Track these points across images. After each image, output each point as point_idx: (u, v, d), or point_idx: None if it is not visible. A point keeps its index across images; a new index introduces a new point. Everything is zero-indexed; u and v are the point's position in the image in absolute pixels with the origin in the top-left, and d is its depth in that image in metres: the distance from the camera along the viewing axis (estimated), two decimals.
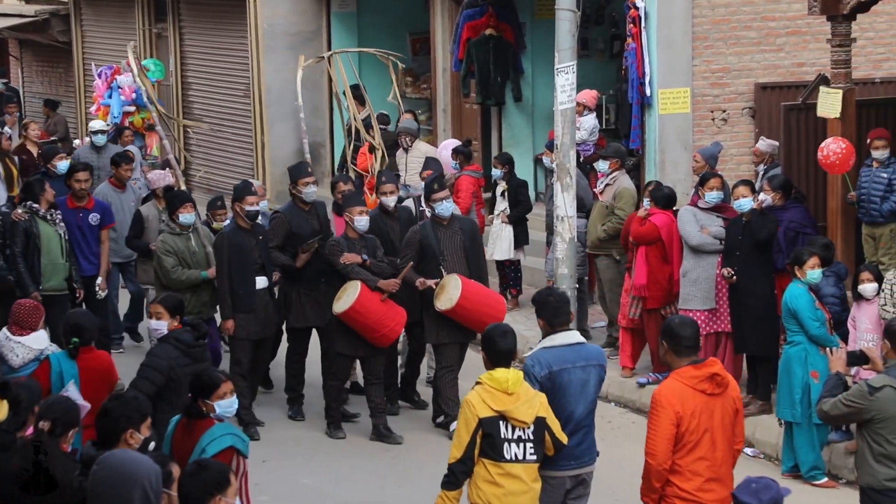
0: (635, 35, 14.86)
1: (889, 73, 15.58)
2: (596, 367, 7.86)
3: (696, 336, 7.31)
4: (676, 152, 15.08)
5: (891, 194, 11.95)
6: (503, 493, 7.39)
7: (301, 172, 12.06)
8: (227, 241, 11.41)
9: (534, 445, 7.43)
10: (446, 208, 11.56)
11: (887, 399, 7.37)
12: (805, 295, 10.56)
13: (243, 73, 21.09)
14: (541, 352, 7.85)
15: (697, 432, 7.13)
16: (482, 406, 7.36)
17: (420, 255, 11.42)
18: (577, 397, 7.76)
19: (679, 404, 7.09)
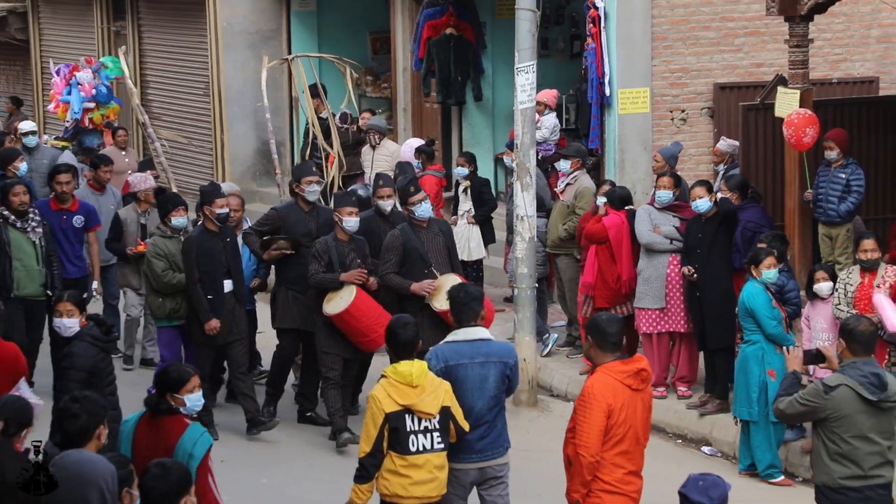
0: (595, 35, 14.91)
1: (846, 74, 15.70)
2: (497, 364, 7.94)
3: (622, 333, 7.48)
4: (636, 152, 15.14)
5: (848, 195, 12.03)
6: (409, 483, 7.58)
7: (305, 171, 11.99)
8: (195, 245, 11.30)
9: (440, 434, 7.62)
10: (425, 210, 11.43)
11: (842, 398, 7.41)
12: (762, 294, 10.63)
13: (202, 72, 20.99)
14: (441, 346, 8.04)
15: (624, 426, 7.27)
16: (388, 400, 7.53)
17: (403, 259, 11.23)
18: (475, 392, 7.88)
19: (611, 397, 7.22)
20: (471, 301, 8.06)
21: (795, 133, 11.89)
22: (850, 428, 7.40)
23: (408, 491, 7.60)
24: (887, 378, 7.46)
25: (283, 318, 11.71)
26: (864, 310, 10.37)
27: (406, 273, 11.18)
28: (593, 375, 7.37)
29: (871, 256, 10.61)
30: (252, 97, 20.26)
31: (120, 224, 13.04)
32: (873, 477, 7.43)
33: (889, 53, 15.95)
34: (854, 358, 7.50)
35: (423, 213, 11.38)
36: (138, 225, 13.03)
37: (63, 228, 12.81)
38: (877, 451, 7.44)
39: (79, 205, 12.96)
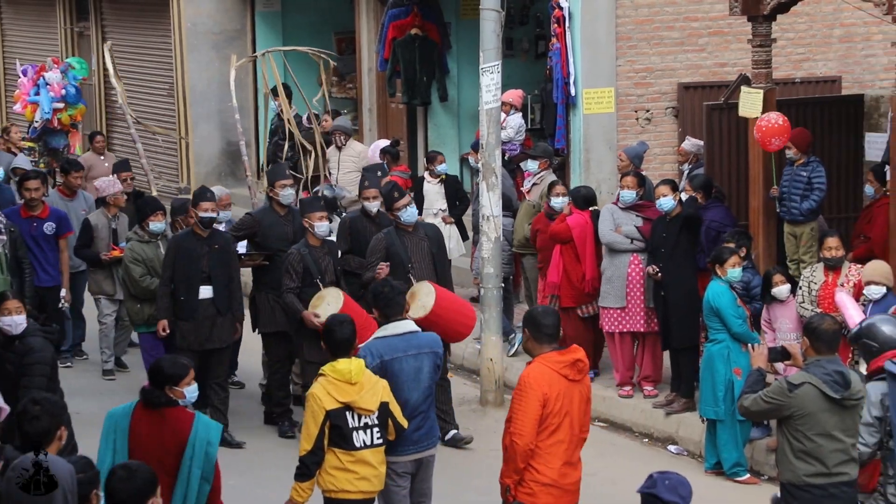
0: (560, 35, 14.95)
1: (809, 74, 15.79)
2: (429, 355, 8.21)
3: (557, 325, 7.59)
4: (601, 152, 15.18)
5: (810, 193, 12.11)
6: (356, 478, 7.74)
7: (278, 175, 11.84)
8: (176, 245, 11.18)
9: (380, 430, 7.79)
10: (411, 214, 11.36)
11: (806, 396, 7.45)
12: (727, 293, 10.69)
13: (167, 72, 20.93)
14: (373, 342, 8.21)
15: (559, 415, 7.35)
16: (328, 398, 7.66)
17: (386, 263, 11.19)
18: (411, 385, 8.11)
19: (547, 386, 7.31)
20: (396, 296, 8.33)
21: (762, 139, 11.97)
22: (814, 426, 7.44)
23: (354, 486, 7.76)
24: (851, 376, 7.51)
25: (268, 322, 11.54)
26: (827, 308, 10.43)
27: (390, 276, 11.02)
28: (530, 365, 7.50)
29: (834, 254, 10.69)
30: (217, 98, 20.22)
31: (90, 230, 12.83)
32: (838, 474, 7.47)
33: (851, 53, 16.06)
34: (818, 356, 7.54)
35: (408, 218, 11.30)
36: (109, 230, 12.85)
37: (34, 236, 12.59)
38: (840, 448, 7.48)
39: (49, 211, 12.73)
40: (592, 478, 10.61)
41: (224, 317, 11.21)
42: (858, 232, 12.22)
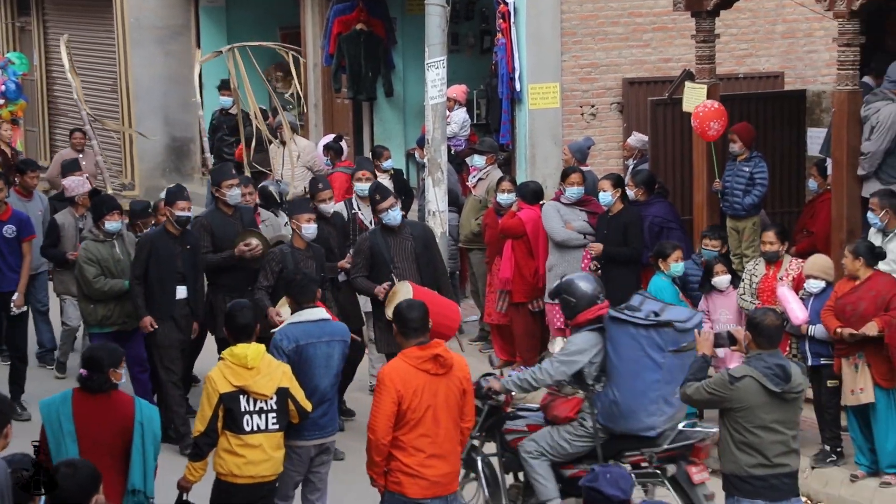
0: (505, 30, 14.98)
1: (752, 69, 15.91)
2: (339, 343, 8.54)
3: (424, 318, 7.66)
4: (546, 147, 15.23)
5: (752, 188, 12.20)
6: (244, 462, 7.87)
7: (224, 175, 11.61)
8: (149, 244, 10.97)
9: (276, 415, 7.92)
10: (394, 217, 11.17)
11: (747, 389, 7.50)
12: (670, 287, 10.76)
13: (110, 68, 20.78)
14: (289, 327, 8.49)
15: (420, 410, 7.47)
16: (223, 382, 7.83)
17: (370, 263, 11.09)
18: (322, 370, 8.40)
19: (401, 383, 7.45)
20: (308, 283, 8.64)
21: (700, 125, 12.04)
22: (755, 418, 7.50)
23: (241, 470, 7.88)
24: (791, 369, 7.57)
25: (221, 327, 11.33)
26: (767, 301, 10.53)
27: (374, 277, 11.05)
28: (389, 362, 7.67)
29: (769, 248, 10.77)
30: (161, 93, 20.11)
31: (57, 229, 12.54)
32: (779, 466, 7.53)
33: (793, 49, 16.20)
34: (759, 350, 7.59)
35: (391, 220, 11.16)
36: (76, 229, 12.51)
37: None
38: (780, 440, 7.53)
39: (10, 213, 12.26)
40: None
41: (195, 317, 11.13)
42: (801, 226, 12.33)
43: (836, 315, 9.90)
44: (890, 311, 9.74)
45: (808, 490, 10.04)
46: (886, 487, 9.80)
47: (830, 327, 9.88)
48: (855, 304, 9.82)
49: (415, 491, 7.53)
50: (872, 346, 9.75)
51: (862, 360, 9.81)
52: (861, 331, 9.69)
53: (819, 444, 10.33)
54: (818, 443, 10.35)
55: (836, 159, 11.38)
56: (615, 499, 5.55)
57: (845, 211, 11.20)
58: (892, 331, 9.70)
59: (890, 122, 11.02)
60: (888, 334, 9.68)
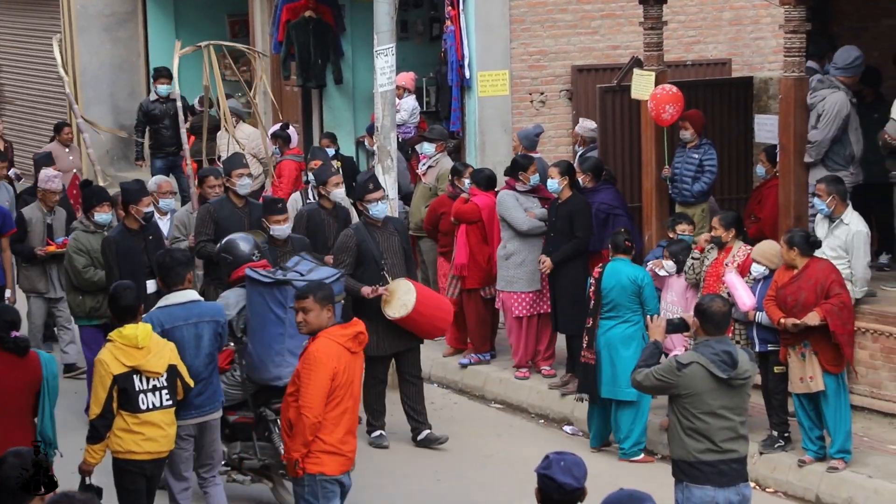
0: (454, 18, 14.96)
1: (700, 56, 15.98)
2: (210, 323, 8.63)
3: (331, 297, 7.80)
4: (496, 134, 15.24)
5: (702, 175, 12.25)
6: (142, 440, 8.09)
7: (234, 164, 11.36)
8: (113, 245, 10.74)
9: (168, 392, 8.17)
10: (381, 210, 10.84)
11: (694, 376, 7.53)
12: (629, 265, 10.81)
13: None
14: (155, 311, 8.64)
15: (345, 387, 7.69)
16: (115, 363, 7.99)
17: (357, 260, 10.71)
18: (192, 351, 8.53)
19: (335, 360, 7.62)
20: (176, 266, 8.69)
21: (655, 108, 12.07)
22: (702, 405, 7.52)
23: (140, 447, 8.09)
24: (739, 356, 7.59)
25: None
26: (712, 285, 10.56)
27: (360, 275, 10.67)
28: (317, 340, 7.69)
29: (714, 234, 10.78)
30: (109, 80, 19.94)
31: (24, 224, 12.25)
32: (727, 451, 7.55)
33: (741, 35, 16.29)
34: (707, 337, 7.62)
35: (377, 213, 10.81)
36: (44, 225, 12.29)
37: None
38: (728, 426, 7.56)
39: None
40: (490, 458, 10.70)
41: None
42: (749, 212, 12.39)
43: (778, 305, 9.94)
44: (830, 299, 9.78)
45: (757, 475, 10.11)
46: (834, 472, 9.89)
47: (774, 317, 9.93)
48: (795, 293, 9.86)
49: (334, 468, 7.69)
50: (817, 333, 9.80)
51: (808, 349, 9.86)
52: (803, 321, 9.74)
53: (767, 429, 10.40)
54: (766, 428, 10.42)
55: (783, 146, 11.44)
56: (567, 487, 5.52)
57: (793, 197, 11.27)
58: (833, 318, 9.76)
59: (836, 111, 11.09)
60: (831, 322, 9.74)
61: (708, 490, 7.52)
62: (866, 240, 10.53)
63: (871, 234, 10.73)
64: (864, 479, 9.77)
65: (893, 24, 12.83)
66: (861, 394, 10.64)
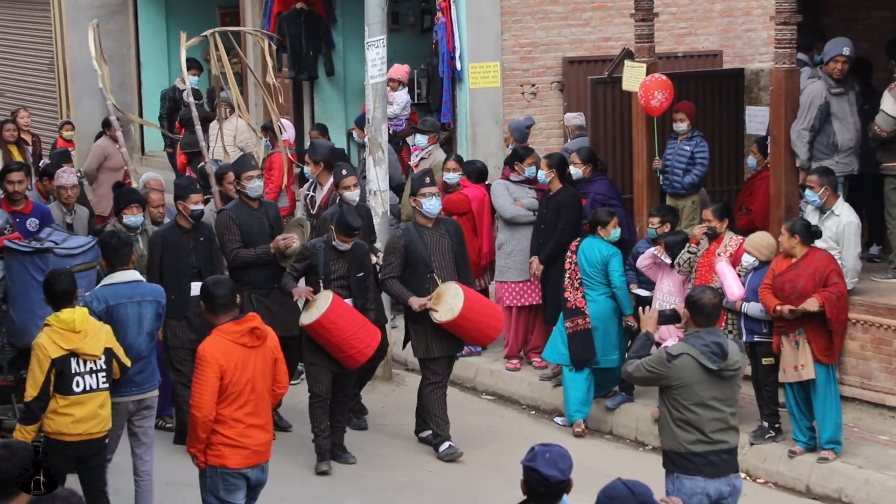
0: (445, 9, 14.94)
1: (691, 48, 15.98)
2: (152, 303, 8.88)
3: (232, 295, 7.88)
4: (487, 126, 15.23)
5: (692, 167, 12.25)
6: (71, 421, 8.17)
7: (244, 166, 11.01)
8: (161, 240, 10.52)
9: (105, 374, 8.29)
10: (434, 205, 10.52)
11: (684, 367, 7.54)
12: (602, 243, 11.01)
13: (47, 47, 20.53)
14: (100, 288, 8.89)
15: (240, 384, 7.72)
16: (53, 347, 8.10)
17: (405, 261, 10.42)
18: (134, 329, 8.77)
19: (223, 358, 7.68)
20: (122, 247, 8.90)
21: (644, 95, 12.08)
22: (692, 396, 7.53)
23: (70, 428, 8.18)
24: (729, 347, 7.60)
25: None
26: (704, 275, 10.58)
27: (408, 277, 10.41)
28: (207, 338, 7.81)
29: (707, 225, 10.81)
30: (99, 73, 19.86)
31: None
32: (717, 442, 7.57)
33: (732, 27, 16.29)
34: (697, 328, 7.63)
35: (430, 209, 10.52)
36: (64, 224, 11.67)
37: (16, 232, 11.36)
38: (718, 417, 7.57)
39: (32, 206, 11.53)
40: (481, 450, 10.71)
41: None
42: (740, 204, 12.40)
43: (774, 293, 9.97)
44: (829, 288, 9.83)
45: (747, 466, 10.14)
46: (824, 463, 9.91)
47: (769, 305, 9.95)
48: (793, 281, 9.89)
49: (236, 461, 7.78)
50: (812, 322, 9.83)
51: (802, 337, 9.89)
52: (802, 306, 9.76)
53: (758, 420, 10.43)
54: (757, 419, 10.44)
55: (774, 137, 11.45)
56: (552, 479, 5.49)
57: (783, 188, 11.28)
58: (831, 306, 9.79)
59: (809, 101, 11.11)
60: (829, 310, 9.77)
61: (698, 481, 7.54)
62: (857, 231, 10.56)
63: (861, 226, 10.75)
64: (854, 469, 9.80)
65: (884, 16, 12.84)
66: (851, 385, 10.66)
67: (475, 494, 9.90)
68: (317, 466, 10.23)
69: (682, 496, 7.55)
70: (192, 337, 10.45)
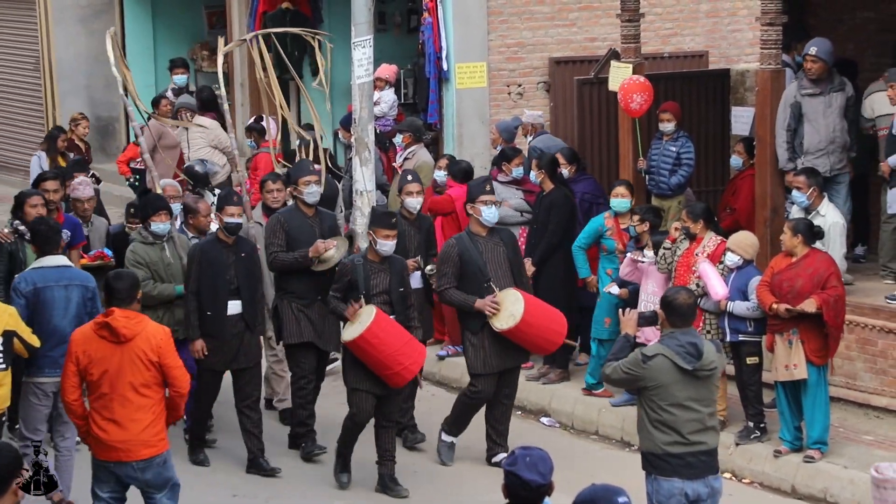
0: (431, 10, 14.95)
1: (677, 48, 16.01)
2: (79, 287, 9.16)
3: (132, 290, 7.96)
4: (474, 126, 15.24)
5: (678, 168, 12.28)
6: None
7: (302, 171, 10.54)
8: (199, 254, 10.12)
9: (3, 356, 8.53)
10: (494, 214, 10.16)
11: (659, 367, 7.50)
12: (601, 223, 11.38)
13: (33, 47, 20.47)
14: (28, 271, 9.27)
15: (96, 374, 7.87)
16: None
17: (460, 272, 10.07)
18: (61, 312, 9.05)
19: (81, 347, 7.89)
20: (52, 234, 9.28)
21: (624, 98, 12.12)
22: (668, 396, 7.50)
23: None
24: (704, 347, 7.56)
25: (292, 333, 10.34)
26: (683, 275, 10.59)
27: (463, 287, 10.05)
28: (81, 327, 8.13)
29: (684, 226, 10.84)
30: (85, 72, 19.84)
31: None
32: (695, 443, 7.53)
33: (717, 28, 16.32)
34: (672, 329, 7.59)
35: (490, 218, 10.14)
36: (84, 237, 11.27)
37: None
38: (695, 418, 7.54)
39: (64, 218, 10.99)
40: (467, 450, 10.70)
41: (252, 333, 10.27)
42: (725, 204, 12.43)
43: (772, 291, 9.93)
44: (827, 290, 9.77)
45: (733, 466, 10.15)
46: (810, 462, 9.93)
47: (766, 302, 9.91)
48: (792, 280, 9.85)
49: (97, 452, 7.97)
50: (807, 322, 9.80)
51: (796, 337, 9.84)
52: (800, 307, 9.71)
53: (743, 420, 10.44)
54: (742, 419, 10.45)
55: (759, 137, 11.48)
56: (533, 483, 5.45)
57: (769, 188, 11.31)
58: (829, 309, 9.76)
59: (783, 101, 11.16)
60: (826, 312, 9.74)
61: (675, 482, 7.51)
62: (843, 231, 10.58)
63: (847, 226, 10.78)
64: (839, 469, 9.82)
65: (868, 17, 12.88)
66: (837, 385, 10.68)
67: (460, 496, 9.90)
68: (337, 477, 9.95)
69: (660, 498, 7.54)
70: (222, 358, 10.13)
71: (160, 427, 7.92)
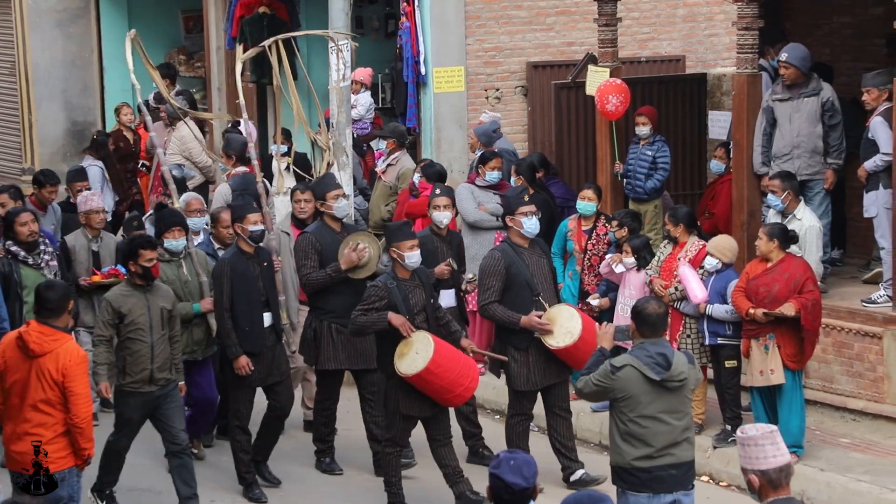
0: (409, 14, 14.95)
1: (654, 53, 16.06)
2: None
3: (63, 300, 7.97)
4: (452, 130, 15.24)
5: (654, 172, 12.32)
6: None
7: (328, 185, 10.31)
8: (228, 269, 9.69)
9: None
10: (535, 225, 9.73)
11: (628, 378, 7.45)
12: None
13: (8, 51, 20.38)
14: None
15: (8, 381, 7.93)
16: None
17: (506, 284, 9.67)
18: None
19: (6, 351, 7.97)
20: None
21: (600, 100, 12.16)
22: (636, 408, 7.43)
23: None
24: (673, 358, 7.47)
25: (328, 359, 10.12)
26: (664, 278, 10.62)
27: (509, 301, 9.65)
28: (10, 332, 8.27)
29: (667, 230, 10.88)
30: (61, 77, 19.75)
31: (67, 252, 11.04)
32: (663, 456, 7.44)
33: (694, 32, 16.37)
34: (642, 340, 7.54)
35: (531, 229, 9.71)
36: (89, 252, 11.12)
37: None
38: (666, 430, 7.46)
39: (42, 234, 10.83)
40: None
41: (280, 343, 10.04)
42: (703, 208, 12.48)
43: (747, 296, 9.95)
44: (804, 294, 9.80)
45: (711, 470, 10.18)
46: None
47: (742, 307, 9.92)
48: (769, 285, 9.87)
49: (6, 459, 8.10)
50: (783, 327, 9.83)
51: (772, 342, 9.86)
52: (779, 310, 9.72)
53: (721, 424, 10.46)
54: (720, 423, 10.48)
55: (736, 142, 11.53)
56: (516, 487, 5.45)
57: (746, 193, 11.35)
58: (807, 313, 9.78)
59: (762, 106, 11.21)
60: (804, 316, 9.76)
61: (642, 498, 7.43)
62: (819, 235, 10.62)
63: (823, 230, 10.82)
64: (815, 472, 9.85)
65: (845, 22, 12.94)
66: (813, 388, 10.73)
67: (442, 500, 9.89)
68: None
69: None
70: (259, 373, 9.83)
71: (61, 445, 7.86)
